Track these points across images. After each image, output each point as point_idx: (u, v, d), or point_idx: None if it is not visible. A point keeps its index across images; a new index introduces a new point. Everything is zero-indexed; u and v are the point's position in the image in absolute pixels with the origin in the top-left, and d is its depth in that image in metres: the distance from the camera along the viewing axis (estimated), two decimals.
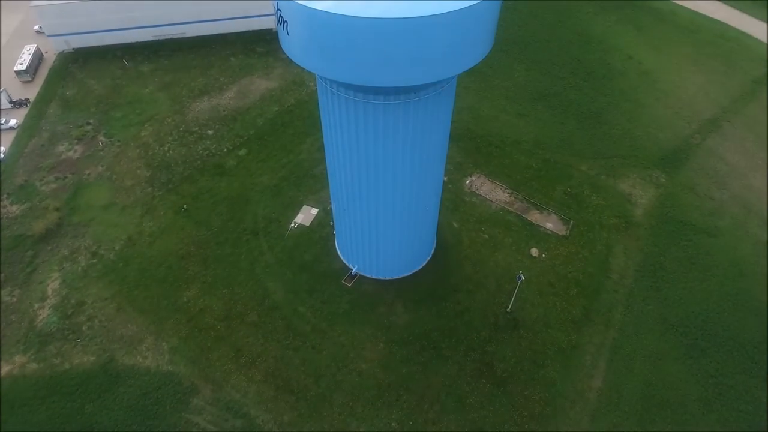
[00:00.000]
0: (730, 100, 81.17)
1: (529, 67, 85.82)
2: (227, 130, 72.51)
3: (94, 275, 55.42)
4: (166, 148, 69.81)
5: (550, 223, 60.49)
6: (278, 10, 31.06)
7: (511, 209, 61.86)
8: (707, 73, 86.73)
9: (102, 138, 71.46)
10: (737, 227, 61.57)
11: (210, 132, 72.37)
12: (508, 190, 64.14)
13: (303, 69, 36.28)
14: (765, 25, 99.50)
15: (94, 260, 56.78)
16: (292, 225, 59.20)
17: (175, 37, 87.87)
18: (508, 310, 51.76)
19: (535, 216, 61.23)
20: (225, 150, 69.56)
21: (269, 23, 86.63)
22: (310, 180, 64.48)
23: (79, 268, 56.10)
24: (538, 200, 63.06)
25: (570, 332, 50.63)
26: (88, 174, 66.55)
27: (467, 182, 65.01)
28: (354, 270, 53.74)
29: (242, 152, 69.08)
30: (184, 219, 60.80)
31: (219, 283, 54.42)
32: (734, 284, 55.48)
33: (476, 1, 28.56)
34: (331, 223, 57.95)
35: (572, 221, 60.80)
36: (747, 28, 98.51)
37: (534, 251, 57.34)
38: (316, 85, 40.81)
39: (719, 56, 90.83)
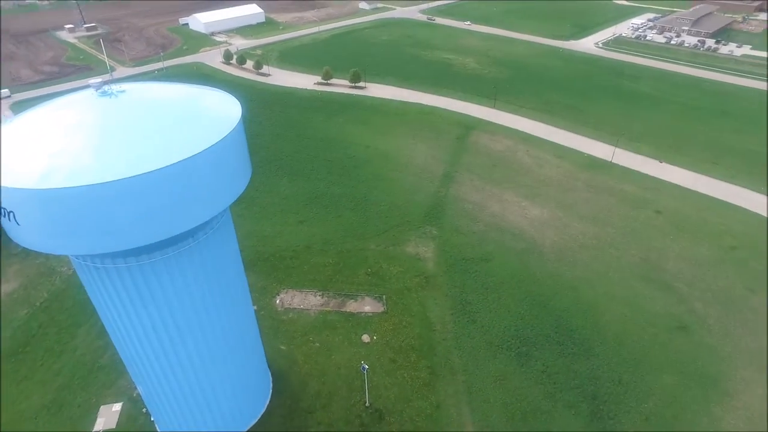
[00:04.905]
0: (450, 156, 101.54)
1: (291, 179, 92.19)
2: None
3: None
4: None
5: (368, 306, 63.24)
6: None
7: (329, 309, 62.70)
8: (425, 141, 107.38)
9: None
10: (500, 246, 75.02)
11: None
12: (318, 293, 65.14)
13: (50, 255, 31.40)
14: (444, 98, 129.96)
15: None
16: None
17: None
18: (367, 404, 50.77)
19: (352, 306, 63.26)
20: None
21: None
22: (100, 373, 53.76)
23: None
24: (348, 290, 65.64)
25: (428, 396, 52.23)
26: None
27: (277, 301, 63.76)
28: None
29: None
30: None
31: None
32: (520, 291, 66.50)
33: (215, 141, 29.66)
34: (144, 410, 48.79)
35: (384, 296, 64.85)
36: (436, 104, 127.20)
37: (365, 337, 58.60)
38: (73, 269, 35.55)
39: (427, 127, 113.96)
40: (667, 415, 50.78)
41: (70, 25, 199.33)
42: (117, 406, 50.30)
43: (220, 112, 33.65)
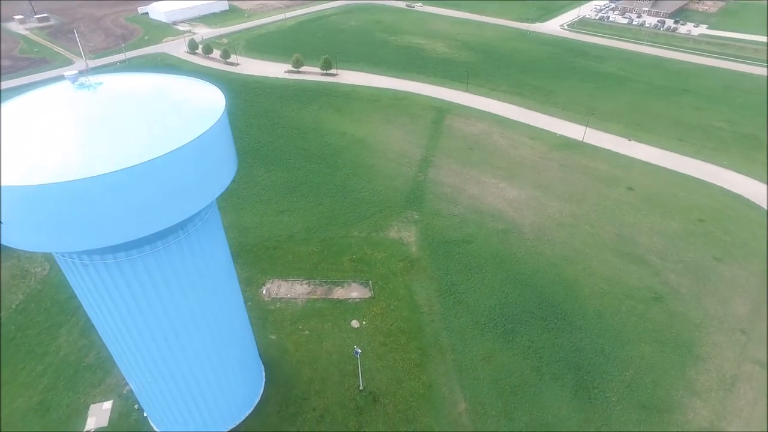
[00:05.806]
0: (426, 140, 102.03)
1: (268, 169, 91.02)
2: None
3: None
4: None
5: (355, 292, 63.59)
6: None
7: (316, 297, 62.79)
8: (401, 127, 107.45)
9: None
10: (480, 228, 76.33)
11: None
12: (304, 282, 65.05)
13: (21, 256, 30.44)
14: (417, 83, 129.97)
15: None
16: None
17: None
18: (361, 388, 51.42)
19: (339, 293, 63.49)
20: None
21: None
22: (87, 372, 52.45)
23: None
24: (334, 278, 65.78)
25: (420, 376, 53.23)
26: None
27: (264, 292, 63.40)
28: None
29: None
30: None
31: None
32: (502, 270, 68.03)
33: (206, 129, 29.30)
34: (136, 406, 48.12)
35: (371, 281, 65.27)
36: (409, 89, 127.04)
37: (354, 323, 59.04)
38: (47, 269, 34.52)
39: (402, 113, 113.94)
40: (647, 381, 53.28)
41: (20, 16, 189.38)
42: (107, 404, 49.35)
43: (203, 102, 33.07)
